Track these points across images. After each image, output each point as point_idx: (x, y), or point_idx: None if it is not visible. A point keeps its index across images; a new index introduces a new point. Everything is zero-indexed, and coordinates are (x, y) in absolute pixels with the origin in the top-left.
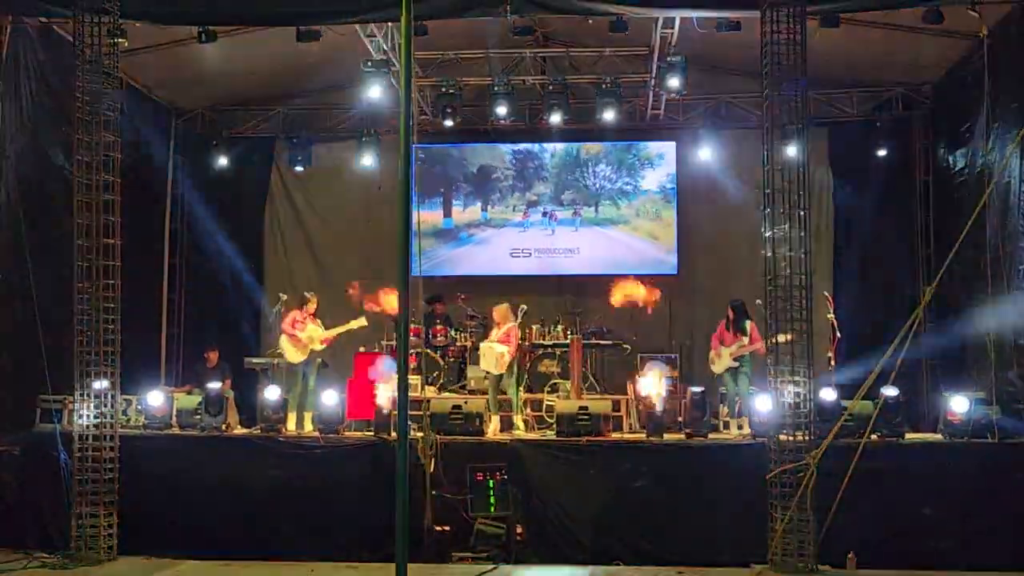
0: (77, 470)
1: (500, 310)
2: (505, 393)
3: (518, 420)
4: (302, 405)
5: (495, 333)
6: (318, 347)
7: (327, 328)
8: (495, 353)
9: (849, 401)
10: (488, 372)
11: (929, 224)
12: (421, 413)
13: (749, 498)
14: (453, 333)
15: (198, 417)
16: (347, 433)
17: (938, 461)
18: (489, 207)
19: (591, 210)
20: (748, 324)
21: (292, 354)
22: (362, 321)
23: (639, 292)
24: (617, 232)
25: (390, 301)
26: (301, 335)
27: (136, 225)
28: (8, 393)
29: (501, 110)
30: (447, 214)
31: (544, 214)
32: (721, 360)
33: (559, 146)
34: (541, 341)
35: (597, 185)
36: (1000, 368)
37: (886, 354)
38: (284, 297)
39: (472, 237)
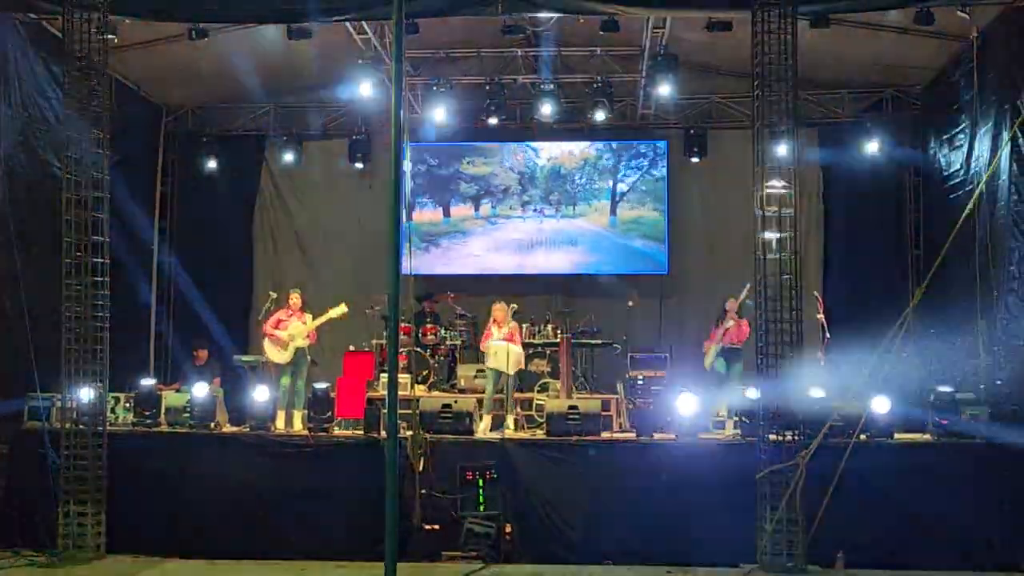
0: (65, 468)
1: (502, 308)
2: (501, 392)
3: (508, 419)
4: (291, 403)
5: (498, 331)
6: (302, 343)
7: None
8: (515, 354)
9: (838, 401)
10: (498, 371)
11: (919, 225)
12: (411, 412)
13: (738, 498)
14: (443, 332)
15: (187, 415)
16: (336, 432)
17: (927, 461)
18: (488, 207)
19: (572, 208)
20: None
21: (275, 355)
22: (342, 308)
23: None
24: (606, 232)
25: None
26: (282, 335)
27: (125, 222)
28: None
29: (492, 109)
30: (446, 213)
31: (535, 210)
32: (708, 356)
33: (547, 164)
34: (531, 340)
35: (576, 190)
36: (991, 367)
37: (875, 354)
38: (273, 295)
39: (469, 233)
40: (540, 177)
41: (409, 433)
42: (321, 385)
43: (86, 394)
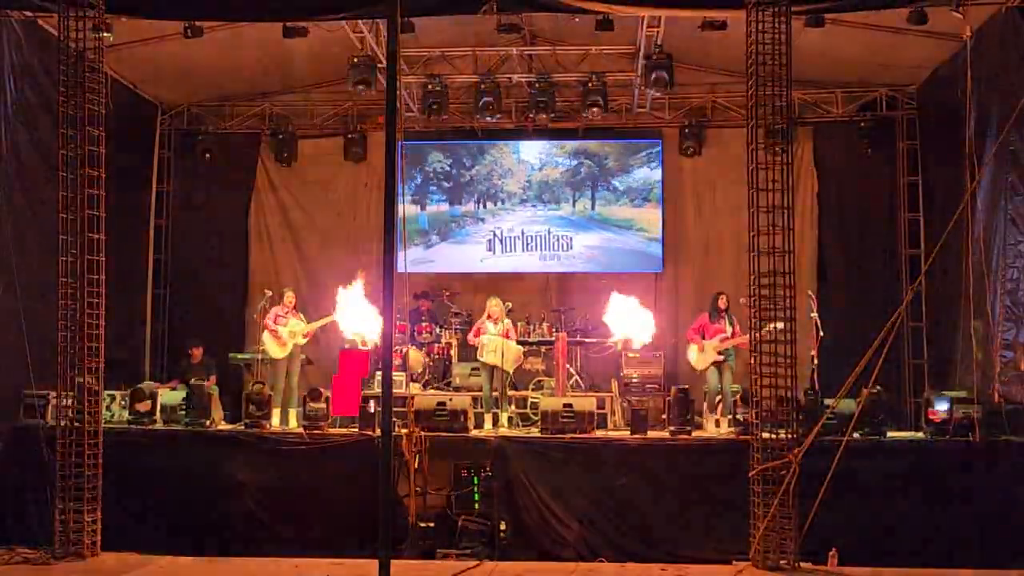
0: (60, 465)
1: (498, 304)
2: (496, 391)
3: (503, 417)
4: (286, 401)
5: (493, 327)
6: (301, 341)
7: (309, 323)
8: (513, 350)
9: (832, 399)
10: (493, 367)
11: (914, 224)
12: (405, 410)
13: (732, 495)
14: (439, 330)
15: (182, 413)
16: (331, 430)
17: (920, 459)
18: (483, 205)
19: (567, 206)
20: (732, 317)
21: (275, 350)
22: (331, 317)
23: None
24: (600, 229)
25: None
26: (283, 330)
27: (121, 220)
28: None
29: (487, 108)
30: (440, 211)
31: (531, 208)
32: (704, 355)
33: (542, 163)
34: (526, 338)
35: (571, 189)
36: (985, 367)
37: (868, 353)
38: (269, 293)
39: (464, 231)
40: (535, 176)
41: (404, 431)
42: (315, 396)
43: (81, 391)
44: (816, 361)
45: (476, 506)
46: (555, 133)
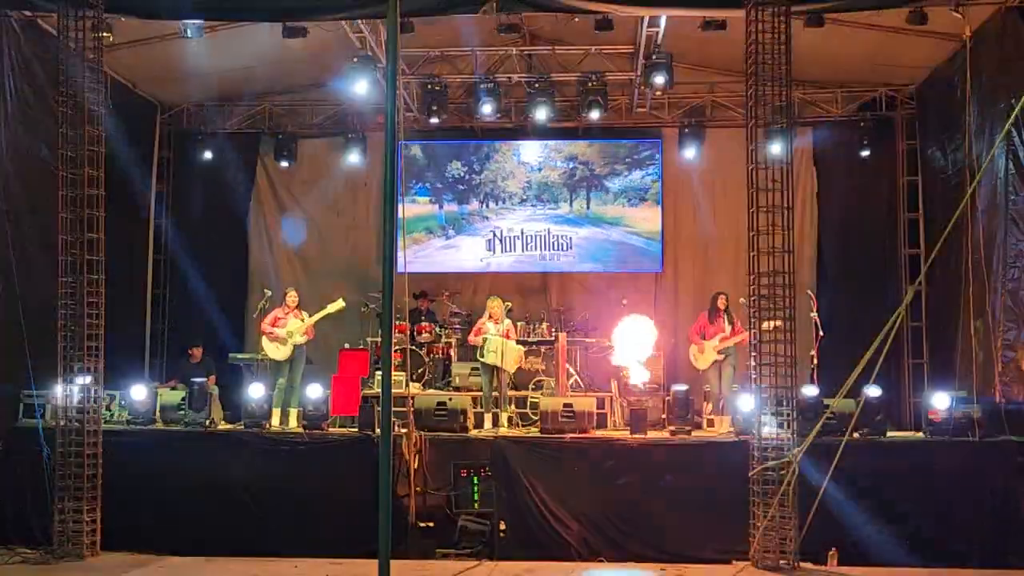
0: (60, 465)
1: (498, 304)
2: (496, 390)
3: (503, 416)
4: (286, 401)
5: (494, 327)
6: (300, 340)
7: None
8: (515, 352)
9: (831, 399)
10: (493, 367)
11: (913, 224)
12: (405, 409)
13: (732, 495)
14: (439, 330)
15: (182, 413)
16: (331, 429)
17: (919, 459)
18: (483, 205)
19: (566, 206)
20: (732, 316)
21: (274, 352)
22: (339, 304)
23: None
24: (600, 230)
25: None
26: (281, 332)
27: (120, 220)
28: None
29: (486, 108)
30: (440, 211)
31: (531, 208)
32: (704, 355)
33: (541, 164)
34: (526, 338)
35: (571, 189)
36: (985, 367)
37: (868, 352)
38: (269, 293)
39: (464, 231)
40: (535, 177)
41: (404, 431)
42: (314, 395)
43: (81, 391)
44: (816, 361)
45: (476, 506)
46: (555, 133)
